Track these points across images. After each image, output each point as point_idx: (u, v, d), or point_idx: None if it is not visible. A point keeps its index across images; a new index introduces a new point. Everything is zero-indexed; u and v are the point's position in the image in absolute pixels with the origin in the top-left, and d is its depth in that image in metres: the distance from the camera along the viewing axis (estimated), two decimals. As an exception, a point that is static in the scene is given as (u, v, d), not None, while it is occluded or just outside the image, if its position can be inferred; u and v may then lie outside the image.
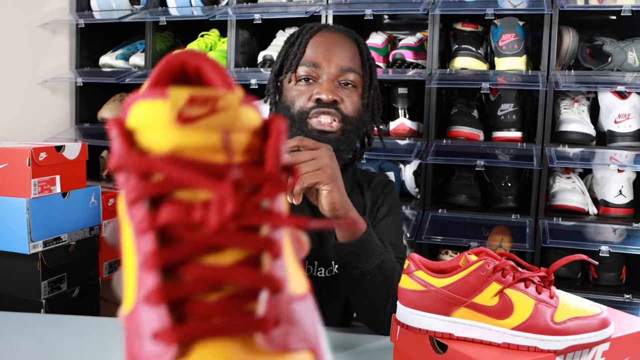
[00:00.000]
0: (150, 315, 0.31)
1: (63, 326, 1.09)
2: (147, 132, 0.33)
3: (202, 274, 0.31)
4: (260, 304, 0.31)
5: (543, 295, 0.76)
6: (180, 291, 0.31)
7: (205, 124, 0.33)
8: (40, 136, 2.30)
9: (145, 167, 0.32)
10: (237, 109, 0.34)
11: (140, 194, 0.32)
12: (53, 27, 2.38)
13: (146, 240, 0.32)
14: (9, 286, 1.71)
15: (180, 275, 0.31)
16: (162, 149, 0.33)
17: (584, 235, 1.88)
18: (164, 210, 0.32)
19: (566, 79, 1.87)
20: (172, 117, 0.32)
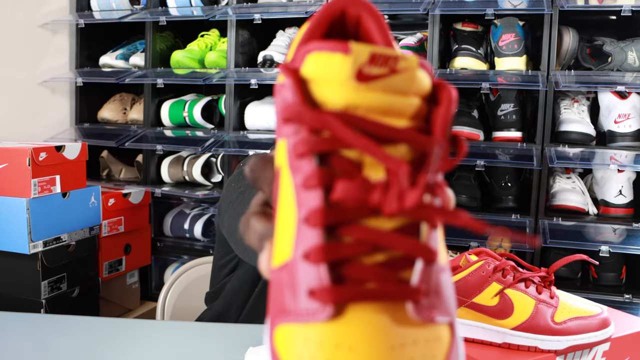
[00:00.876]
0: (309, 272, 0.31)
1: (63, 326, 1.09)
2: (322, 85, 0.33)
3: (362, 237, 0.31)
4: (415, 272, 0.31)
5: (543, 295, 0.76)
6: (340, 252, 0.31)
7: (383, 84, 0.32)
8: (40, 136, 2.30)
9: (319, 123, 0.32)
10: (415, 72, 0.33)
11: (310, 149, 0.32)
12: (53, 27, 2.38)
13: (313, 196, 0.32)
14: (9, 286, 1.71)
15: (341, 235, 0.31)
16: (336, 104, 0.32)
17: (584, 235, 1.88)
18: (340, 185, 0.31)
19: (566, 79, 1.87)
20: (352, 74, 0.32)
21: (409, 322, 0.31)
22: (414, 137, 0.32)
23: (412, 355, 0.30)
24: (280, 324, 0.32)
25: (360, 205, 0.31)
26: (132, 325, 1.18)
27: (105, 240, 1.99)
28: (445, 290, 0.33)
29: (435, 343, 0.32)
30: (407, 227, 0.32)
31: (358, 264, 0.31)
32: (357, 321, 0.30)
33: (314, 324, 0.30)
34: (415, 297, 0.31)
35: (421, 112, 0.34)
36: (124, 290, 2.14)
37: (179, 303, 1.58)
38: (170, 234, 2.36)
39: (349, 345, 0.30)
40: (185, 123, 2.29)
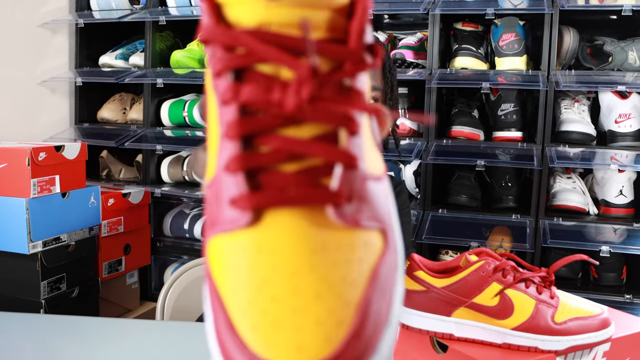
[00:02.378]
0: (229, 183, 0.32)
1: (62, 326, 1.09)
2: (234, 6, 0.34)
3: (279, 145, 0.32)
4: (334, 178, 0.32)
5: (543, 295, 0.76)
6: (257, 161, 0.32)
7: (292, 0, 0.33)
8: (39, 136, 2.30)
9: (230, 40, 0.33)
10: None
11: (225, 66, 0.33)
12: (52, 26, 2.38)
13: (229, 110, 0.33)
14: (9, 286, 1.71)
15: (257, 145, 0.32)
16: (249, 23, 0.33)
17: (584, 235, 1.88)
18: (245, 87, 0.32)
19: (567, 78, 1.86)
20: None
21: (332, 226, 0.31)
22: (325, 46, 0.33)
23: (335, 258, 0.30)
24: (210, 237, 0.33)
25: (265, 106, 0.32)
26: (131, 326, 1.18)
27: (104, 240, 1.99)
28: (374, 197, 0.33)
29: (362, 247, 0.31)
30: (325, 135, 0.32)
31: (276, 172, 0.32)
32: (276, 225, 0.30)
33: (236, 232, 0.31)
34: (335, 200, 0.31)
35: (339, 25, 0.34)
36: (124, 291, 2.14)
37: (178, 303, 1.57)
38: (170, 234, 2.35)
39: (269, 248, 0.30)
40: (185, 123, 2.29)
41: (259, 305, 0.29)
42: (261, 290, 0.29)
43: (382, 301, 0.31)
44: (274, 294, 0.29)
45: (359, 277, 0.30)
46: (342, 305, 0.29)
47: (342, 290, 0.30)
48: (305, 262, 0.30)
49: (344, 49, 0.33)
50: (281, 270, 0.29)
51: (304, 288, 0.29)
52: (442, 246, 2.06)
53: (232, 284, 0.30)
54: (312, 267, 0.30)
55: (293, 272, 0.29)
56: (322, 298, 0.29)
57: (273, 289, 0.29)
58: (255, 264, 0.30)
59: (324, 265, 0.30)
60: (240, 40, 0.32)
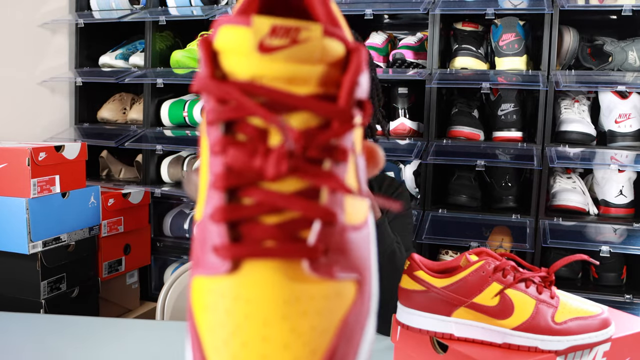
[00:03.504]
0: (213, 231, 0.34)
1: (62, 326, 1.09)
2: (229, 56, 0.34)
3: (261, 199, 0.33)
4: (312, 233, 0.33)
5: (544, 295, 0.76)
6: (240, 213, 0.33)
7: (286, 55, 0.33)
8: (39, 136, 2.30)
9: (222, 93, 0.34)
10: (318, 41, 0.34)
11: (216, 118, 0.34)
12: (52, 26, 2.38)
13: (217, 161, 0.34)
14: (9, 286, 1.71)
15: (241, 197, 0.34)
16: (242, 75, 0.34)
17: (584, 235, 1.88)
18: (229, 150, 0.34)
19: (567, 78, 1.86)
20: (254, 46, 0.33)
21: (306, 278, 0.32)
22: (314, 104, 0.34)
23: (306, 309, 0.32)
24: (195, 275, 0.35)
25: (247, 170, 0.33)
26: (131, 326, 1.18)
27: (104, 240, 1.99)
28: (352, 247, 0.35)
29: (334, 298, 0.33)
30: (306, 191, 0.34)
31: (256, 224, 0.33)
32: (252, 276, 0.32)
33: (217, 277, 0.33)
34: (311, 255, 0.32)
35: (332, 79, 0.35)
36: (124, 291, 2.14)
37: (178, 303, 1.57)
38: (170, 234, 2.35)
39: (245, 297, 0.32)
40: (185, 123, 2.29)
41: (231, 349, 0.31)
42: (234, 335, 0.31)
43: (349, 348, 0.33)
44: (244, 340, 0.31)
45: (328, 327, 0.32)
46: (308, 354, 0.31)
47: (310, 340, 0.31)
48: (277, 313, 0.31)
49: (333, 107, 0.34)
50: (253, 318, 0.31)
51: (274, 337, 0.31)
52: (442, 246, 2.06)
53: (210, 324, 0.32)
54: (283, 318, 0.31)
55: (264, 322, 0.31)
56: (289, 347, 0.31)
57: (244, 335, 0.31)
58: (230, 310, 0.32)
59: (295, 315, 0.31)
60: (230, 95, 0.34)
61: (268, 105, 0.33)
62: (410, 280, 0.80)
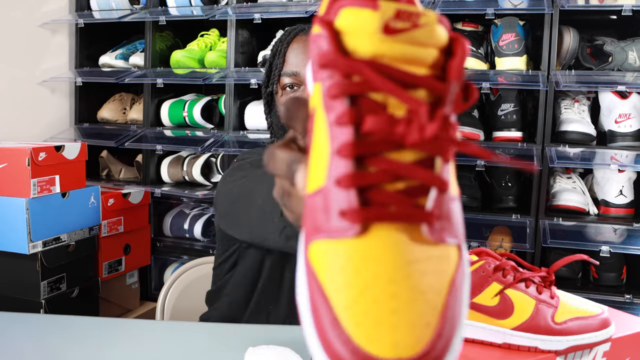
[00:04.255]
0: (340, 196, 0.36)
1: (62, 326, 1.09)
2: (353, 36, 0.37)
3: (386, 167, 0.36)
4: (429, 199, 0.37)
5: (544, 295, 0.76)
6: (367, 179, 0.36)
7: (406, 37, 0.37)
8: (39, 136, 2.30)
9: (350, 68, 0.37)
10: (434, 27, 0.38)
11: (343, 91, 0.37)
12: (53, 26, 2.38)
13: (344, 131, 0.37)
14: (9, 286, 1.71)
15: (367, 165, 0.37)
16: (365, 53, 0.37)
17: (584, 235, 1.88)
18: (369, 119, 0.36)
19: (567, 78, 1.87)
20: (379, 27, 0.36)
21: (424, 241, 0.36)
22: (432, 83, 0.37)
23: (425, 269, 0.35)
24: (314, 241, 0.37)
25: (386, 137, 0.36)
26: (131, 325, 1.18)
27: (104, 240, 1.99)
28: (454, 217, 0.39)
29: (445, 260, 0.37)
30: (424, 160, 0.37)
31: (382, 190, 0.36)
32: (380, 237, 0.35)
33: (343, 240, 0.36)
34: (429, 219, 0.36)
35: (438, 62, 0.38)
36: (124, 291, 2.14)
37: (178, 303, 1.58)
38: (170, 234, 2.36)
39: (373, 257, 0.35)
40: (185, 123, 2.29)
41: (362, 306, 0.33)
42: (364, 293, 0.34)
43: (457, 306, 0.36)
44: (375, 297, 0.33)
45: (442, 286, 0.36)
46: (430, 309, 0.34)
47: (430, 297, 0.35)
48: (402, 272, 0.34)
49: (448, 86, 0.37)
50: (382, 277, 0.34)
51: (400, 294, 0.34)
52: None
53: (337, 284, 0.35)
54: (407, 276, 0.34)
55: (391, 280, 0.34)
56: (414, 303, 0.34)
57: (375, 292, 0.34)
58: (359, 269, 0.35)
59: (417, 274, 0.35)
60: (359, 70, 0.37)
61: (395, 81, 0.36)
62: None
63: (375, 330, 0.33)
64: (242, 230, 1.07)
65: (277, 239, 0.90)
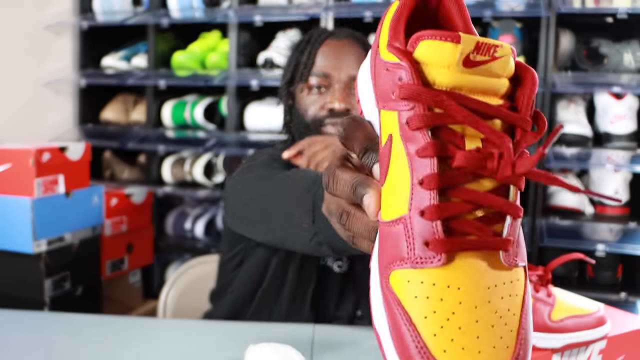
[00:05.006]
0: (424, 226, 0.37)
1: (66, 324, 1.09)
2: (433, 68, 0.38)
3: (467, 197, 0.37)
4: (505, 227, 0.38)
5: (540, 293, 0.77)
6: (450, 210, 0.37)
7: (484, 69, 0.38)
8: (44, 137, 2.31)
9: (434, 101, 0.37)
10: (508, 59, 0.38)
11: (426, 123, 0.38)
12: (56, 29, 2.39)
13: (427, 163, 0.38)
14: (13, 285, 1.73)
15: (450, 196, 0.38)
16: (444, 85, 0.38)
17: (580, 234, 1.90)
18: (459, 154, 0.37)
19: (563, 80, 1.89)
20: (460, 60, 0.37)
21: (500, 266, 0.38)
22: (506, 113, 0.38)
23: (502, 293, 0.37)
24: (396, 269, 0.38)
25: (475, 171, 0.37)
26: (133, 323, 1.18)
27: (108, 239, 2.00)
28: (521, 241, 0.40)
29: (516, 283, 0.38)
30: (500, 189, 0.38)
31: (463, 220, 0.37)
32: (464, 266, 0.37)
33: (428, 269, 0.37)
34: (505, 246, 0.37)
35: (507, 91, 0.40)
36: (127, 289, 2.16)
37: (180, 301, 1.59)
38: (172, 233, 2.37)
39: (457, 285, 0.36)
40: (187, 124, 2.31)
41: (449, 332, 0.35)
42: (450, 321, 0.35)
43: (528, 326, 0.38)
44: (461, 324, 0.35)
45: (516, 308, 0.37)
46: (508, 332, 0.36)
47: (508, 320, 0.36)
48: (484, 298, 0.36)
49: (520, 116, 0.38)
50: (466, 304, 0.36)
51: (483, 319, 0.35)
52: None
53: (423, 311, 0.36)
54: (487, 302, 0.36)
55: (474, 306, 0.36)
56: (496, 327, 0.36)
57: (460, 319, 0.35)
58: (444, 297, 0.36)
59: (496, 299, 0.37)
60: (441, 102, 0.37)
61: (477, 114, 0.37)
62: None
63: (462, 355, 0.34)
64: (256, 230, 1.07)
65: (308, 244, 0.89)
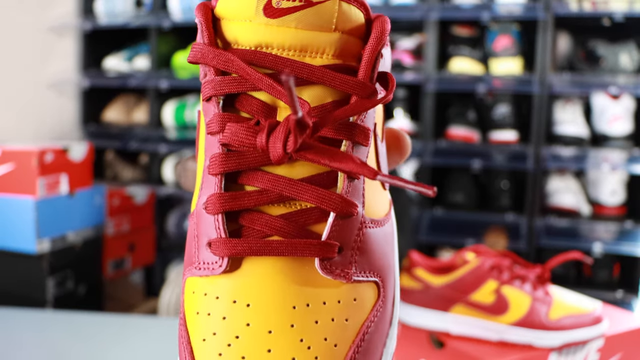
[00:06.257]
0: (208, 223, 0.28)
1: (68, 322, 1.10)
2: (232, 22, 0.30)
3: (265, 186, 0.28)
4: (327, 226, 0.28)
5: (539, 292, 0.76)
6: (240, 202, 0.28)
7: (297, 18, 0.28)
8: (47, 137, 2.33)
9: (223, 63, 0.29)
10: (335, 5, 0.29)
11: (215, 91, 0.29)
12: (59, 30, 2.40)
13: (214, 142, 0.29)
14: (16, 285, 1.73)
15: (244, 184, 0.29)
16: (247, 43, 0.29)
17: (577, 234, 1.91)
18: (228, 127, 0.28)
19: (561, 81, 1.90)
20: (260, 8, 0.28)
21: (318, 280, 0.27)
22: (331, 76, 0.28)
23: (317, 317, 0.27)
24: (188, 276, 0.30)
25: (248, 150, 0.28)
26: (135, 322, 1.18)
27: (110, 239, 2.02)
28: (372, 246, 0.29)
29: (350, 305, 0.28)
30: (321, 177, 0.28)
31: (260, 215, 0.28)
32: (254, 277, 0.27)
33: (212, 277, 0.28)
34: (324, 253, 0.27)
35: (351, 51, 0.30)
36: (128, 288, 2.17)
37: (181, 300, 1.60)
38: (174, 233, 2.39)
39: (246, 301, 0.27)
40: (188, 124, 2.32)
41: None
42: (232, 347, 0.26)
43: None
44: (245, 353, 0.26)
45: (343, 339, 0.27)
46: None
47: (323, 354, 0.26)
48: (283, 320, 0.26)
49: (353, 80, 0.29)
50: (256, 327, 0.26)
51: (279, 349, 0.25)
52: (439, 245, 2.10)
53: (203, 332, 0.27)
54: (290, 327, 0.26)
55: (267, 330, 0.26)
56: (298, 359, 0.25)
57: (245, 346, 0.26)
58: (229, 316, 0.27)
59: (305, 324, 0.26)
60: (232, 65, 0.28)
61: (276, 78, 0.28)
62: (408, 277, 0.80)
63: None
64: None
65: None
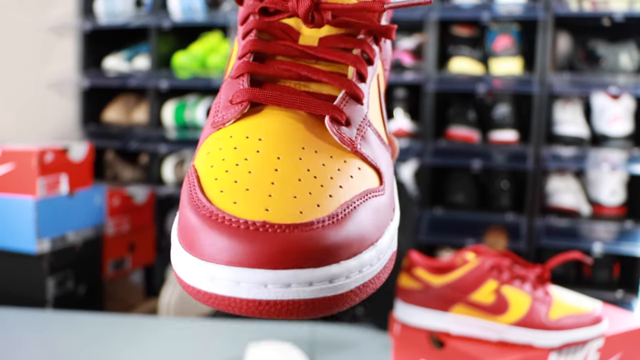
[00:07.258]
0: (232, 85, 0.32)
1: (69, 323, 1.10)
2: None
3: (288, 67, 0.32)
4: (338, 98, 0.32)
5: (539, 292, 0.77)
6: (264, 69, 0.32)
7: None
8: (47, 137, 2.33)
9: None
10: None
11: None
12: (59, 30, 2.40)
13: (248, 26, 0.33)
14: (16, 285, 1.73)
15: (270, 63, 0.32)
16: None
17: (577, 234, 1.91)
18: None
19: (561, 81, 1.90)
20: None
21: (328, 137, 0.31)
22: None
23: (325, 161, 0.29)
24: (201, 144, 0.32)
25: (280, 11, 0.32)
26: (135, 322, 1.18)
27: (110, 239, 2.02)
28: (375, 146, 0.33)
29: (355, 171, 0.31)
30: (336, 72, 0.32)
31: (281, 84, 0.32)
32: (271, 119, 0.30)
33: (227, 128, 0.31)
34: (333, 112, 0.31)
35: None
36: (128, 288, 2.17)
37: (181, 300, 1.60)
38: (174, 233, 2.38)
39: (258, 136, 0.29)
40: (188, 124, 2.32)
41: (234, 176, 0.28)
42: (240, 166, 0.28)
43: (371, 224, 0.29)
44: (252, 169, 0.28)
45: (348, 188, 0.29)
46: (325, 195, 0.28)
47: (328, 186, 0.28)
48: (293, 152, 0.29)
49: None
50: (265, 153, 0.29)
51: (286, 170, 0.28)
52: (439, 245, 2.10)
53: (211, 161, 0.29)
54: (298, 159, 0.29)
55: (276, 156, 0.28)
56: (304, 182, 0.28)
57: (252, 164, 0.28)
58: (239, 146, 0.29)
59: (312, 161, 0.29)
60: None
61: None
62: (408, 278, 0.81)
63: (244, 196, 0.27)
64: None
65: None
